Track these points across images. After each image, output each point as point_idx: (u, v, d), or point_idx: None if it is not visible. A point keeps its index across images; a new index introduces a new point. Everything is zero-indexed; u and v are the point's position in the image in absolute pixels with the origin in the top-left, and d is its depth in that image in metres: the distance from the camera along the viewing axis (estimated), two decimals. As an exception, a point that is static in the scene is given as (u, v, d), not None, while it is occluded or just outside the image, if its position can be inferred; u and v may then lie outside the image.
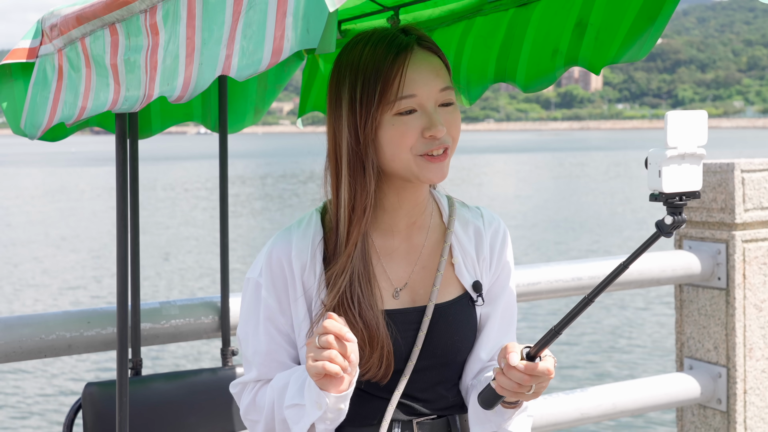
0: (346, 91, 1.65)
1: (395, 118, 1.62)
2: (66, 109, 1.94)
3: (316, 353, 1.50)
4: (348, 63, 1.66)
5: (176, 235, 20.11)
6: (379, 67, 1.61)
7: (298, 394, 1.62)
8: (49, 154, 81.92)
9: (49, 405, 8.22)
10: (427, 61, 1.65)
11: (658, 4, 1.89)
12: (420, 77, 1.62)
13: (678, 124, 1.38)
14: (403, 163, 1.64)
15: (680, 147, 1.38)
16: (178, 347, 9.70)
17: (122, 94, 1.71)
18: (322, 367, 1.49)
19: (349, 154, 1.64)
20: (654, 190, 1.40)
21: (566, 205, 25.83)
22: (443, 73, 1.67)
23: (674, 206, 1.40)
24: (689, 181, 1.40)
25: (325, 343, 1.49)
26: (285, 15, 1.22)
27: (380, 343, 1.65)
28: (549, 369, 1.54)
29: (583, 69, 2.13)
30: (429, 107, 1.63)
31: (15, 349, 2.31)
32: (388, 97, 1.61)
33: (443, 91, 1.65)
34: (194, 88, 1.44)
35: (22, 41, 2.15)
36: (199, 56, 1.44)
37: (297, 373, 1.67)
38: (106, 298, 12.99)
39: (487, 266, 1.80)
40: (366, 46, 1.65)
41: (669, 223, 1.40)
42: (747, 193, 3.45)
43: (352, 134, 1.64)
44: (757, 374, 3.48)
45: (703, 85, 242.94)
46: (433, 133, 1.62)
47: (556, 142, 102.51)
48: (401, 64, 1.61)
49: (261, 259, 1.74)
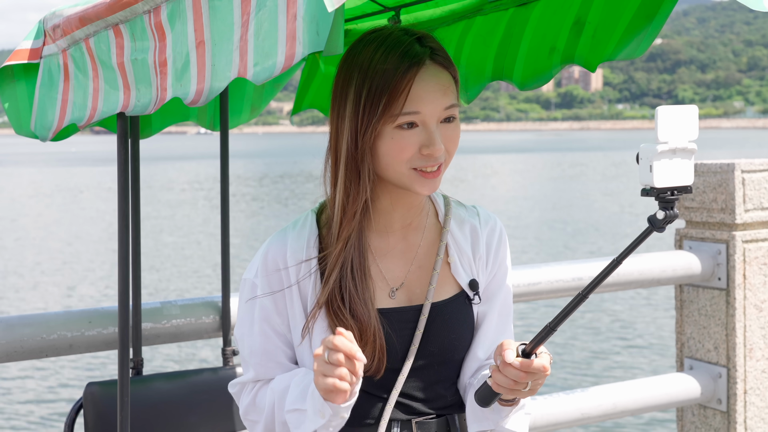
0: (353, 92, 1.63)
1: (395, 131, 1.61)
2: (76, 111, 1.94)
3: (325, 369, 1.49)
4: (358, 63, 1.64)
5: (178, 236, 20.11)
6: (388, 78, 1.59)
7: (300, 399, 1.62)
8: (50, 153, 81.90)
9: (50, 404, 8.22)
10: (437, 78, 1.62)
11: (656, 2, 1.89)
12: (427, 95, 1.61)
13: (669, 119, 1.37)
14: (396, 174, 1.64)
15: (671, 142, 1.37)
16: (178, 347, 9.71)
17: (133, 96, 1.71)
18: (332, 384, 1.49)
19: (347, 158, 1.65)
20: (645, 185, 1.40)
21: (565, 206, 25.82)
22: (451, 90, 1.65)
23: (666, 201, 1.39)
24: (681, 176, 1.39)
25: (336, 361, 1.48)
26: (295, 17, 1.22)
27: (372, 336, 1.65)
28: (544, 366, 1.54)
29: (584, 69, 2.13)
30: (431, 125, 1.62)
31: (16, 349, 2.32)
32: (392, 110, 1.60)
33: (448, 108, 1.64)
34: (210, 90, 1.44)
35: (24, 42, 2.15)
36: (210, 57, 1.44)
37: (298, 377, 1.67)
38: (107, 297, 12.99)
39: (484, 265, 1.80)
40: (378, 50, 1.62)
41: (661, 218, 1.39)
42: (747, 193, 3.45)
43: (352, 139, 1.63)
44: (758, 374, 3.49)
45: (704, 85, 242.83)
46: (430, 152, 1.61)
47: (556, 142, 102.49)
48: (411, 78, 1.59)
49: (257, 260, 1.74)
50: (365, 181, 1.64)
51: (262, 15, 1.29)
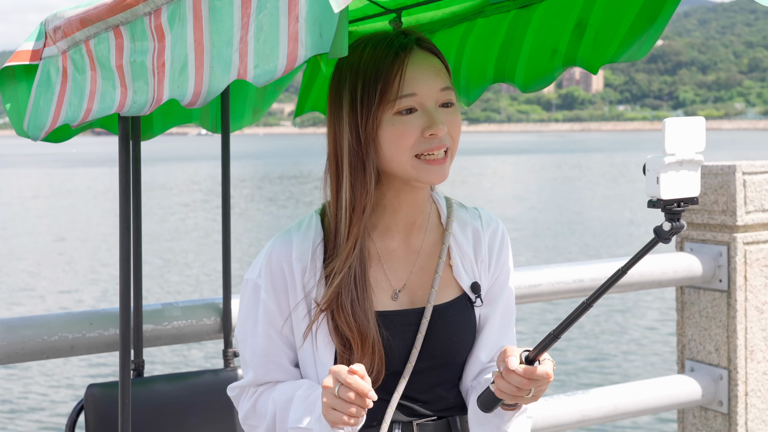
0: (347, 92, 1.65)
1: (395, 118, 1.62)
2: (71, 111, 1.94)
3: (335, 403, 1.50)
4: (348, 65, 1.67)
5: (178, 237, 20.10)
6: (379, 67, 1.62)
7: (305, 418, 1.63)
8: (50, 155, 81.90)
9: (51, 406, 8.22)
10: (427, 61, 1.66)
11: (657, 4, 1.89)
12: (420, 76, 1.63)
13: (676, 131, 1.38)
14: (401, 165, 1.64)
15: (678, 153, 1.39)
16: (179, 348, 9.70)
17: (130, 97, 1.71)
18: (340, 419, 1.50)
19: (350, 155, 1.65)
20: (652, 197, 1.41)
21: (566, 208, 25.80)
22: (443, 73, 1.67)
23: (672, 212, 1.40)
24: (687, 188, 1.40)
25: (346, 397, 1.49)
26: (297, 19, 1.21)
27: (372, 347, 1.65)
28: (548, 373, 1.55)
29: (585, 70, 2.13)
30: (429, 106, 1.63)
31: (17, 350, 2.31)
32: (389, 96, 1.61)
33: (443, 90, 1.65)
34: (208, 92, 1.44)
35: (26, 43, 2.15)
36: (209, 59, 1.43)
37: (301, 390, 1.67)
38: (108, 299, 12.99)
39: (486, 267, 1.81)
40: (366, 48, 1.66)
41: (667, 230, 1.40)
42: (748, 195, 3.45)
43: (353, 134, 1.64)
44: (759, 376, 3.48)
45: (704, 86, 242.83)
46: (433, 132, 1.62)
47: (556, 143, 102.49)
48: (401, 63, 1.62)
49: (260, 260, 1.73)
50: (370, 174, 1.65)
51: (262, 17, 1.29)
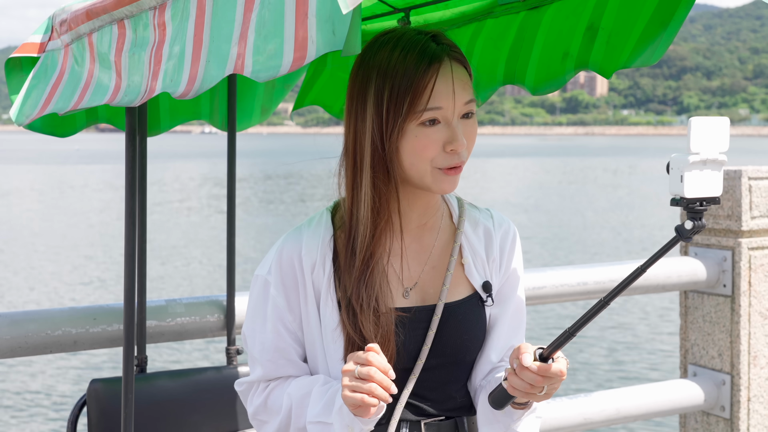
0: (373, 93, 1.63)
1: (418, 129, 1.62)
2: (61, 101, 1.92)
3: (356, 385, 1.51)
4: (375, 65, 1.64)
5: (182, 234, 20.12)
6: (410, 77, 1.60)
7: (325, 412, 1.63)
8: (53, 151, 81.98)
9: (53, 401, 8.23)
10: (457, 73, 1.64)
11: (670, 9, 1.89)
12: (448, 90, 1.62)
13: (701, 130, 1.40)
14: (419, 173, 1.65)
15: (702, 153, 1.40)
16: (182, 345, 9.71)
17: (122, 89, 1.70)
18: (361, 399, 1.50)
19: (373, 158, 1.65)
20: (675, 195, 1.43)
21: (568, 211, 25.80)
22: (469, 86, 1.67)
23: (695, 211, 1.43)
24: (710, 187, 1.42)
25: (366, 375, 1.50)
26: (306, 15, 1.20)
27: (386, 345, 1.65)
28: (562, 370, 1.55)
29: (589, 74, 2.14)
30: (452, 120, 1.63)
31: (21, 344, 2.32)
32: (417, 107, 1.60)
33: (467, 103, 1.65)
34: (200, 84, 1.42)
35: (33, 36, 2.15)
36: (206, 54, 1.42)
37: (318, 386, 1.67)
38: (112, 294, 13.01)
39: (497, 267, 1.81)
40: (395, 50, 1.63)
41: (689, 228, 1.42)
42: (754, 200, 3.44)
43: (378, 139, 1.64)
44: (761, 382, 3.48)
45: (709, 92, 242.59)
46: (454, 147, 1.62)
47: (560, 147, 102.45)
48: (433, 75, 1.61)
49: (271, 257, 1.74)
50: (393, 179, 1.66)
51: (264, 13, 1.28)
